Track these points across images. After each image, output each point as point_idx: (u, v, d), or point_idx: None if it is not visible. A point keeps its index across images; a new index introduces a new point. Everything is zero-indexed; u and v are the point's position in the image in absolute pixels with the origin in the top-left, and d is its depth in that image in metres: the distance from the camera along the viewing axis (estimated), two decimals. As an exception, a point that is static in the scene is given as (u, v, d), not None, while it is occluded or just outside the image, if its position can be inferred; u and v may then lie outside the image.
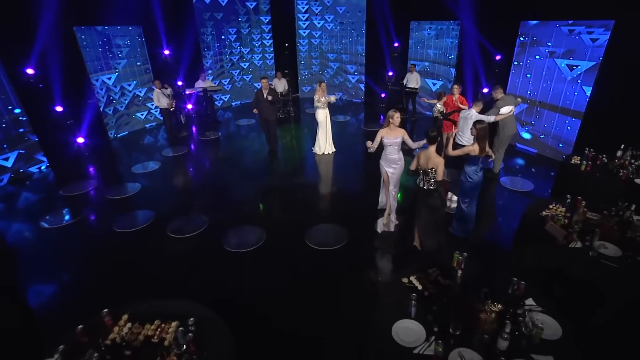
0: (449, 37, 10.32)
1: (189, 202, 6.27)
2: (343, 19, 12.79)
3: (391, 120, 4.81)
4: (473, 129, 4.59)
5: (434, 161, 4.14)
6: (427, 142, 4.23)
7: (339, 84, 13.98)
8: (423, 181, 4.31)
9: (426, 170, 4.21)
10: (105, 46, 9.49)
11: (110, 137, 9.85)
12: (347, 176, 7.22)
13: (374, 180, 6.60)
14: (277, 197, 6.44)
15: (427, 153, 4.20)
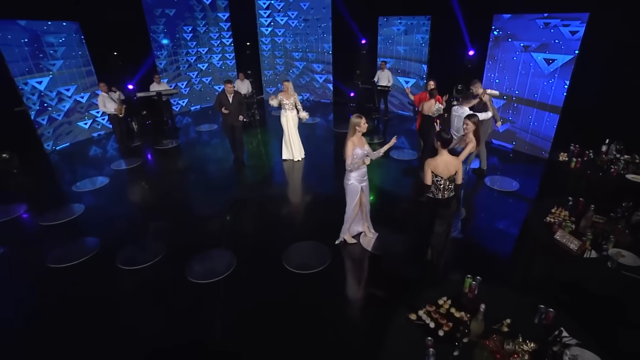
0: (420, 33, 9.97)
1: (144, 224, 5.32)
2: (307, 15, 12.15)
3: (358, 128, 4.09)
4: (468, 124, 4.38)
5: (455, 165, 3.67)
6: (441, 146, 3.66)
7: (305, 84, 13.31)
8: (443, 190, 3.77)
9: (451, 177, 3.71)
10: (34, 44, 8.19)
11: (47, 150, 8.54)
12: (320, 183, 6.56)
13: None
14: (246, 212, 5.65)
15: (444, 159, 3.66)
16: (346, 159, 4.15)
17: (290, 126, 7.26)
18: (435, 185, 3.74)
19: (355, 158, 4.14)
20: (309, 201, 6.04)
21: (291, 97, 7.04)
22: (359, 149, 4.14)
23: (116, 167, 7.60)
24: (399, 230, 4.99)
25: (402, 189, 6.38)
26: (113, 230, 5.20)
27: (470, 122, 4.42)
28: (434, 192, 3.79)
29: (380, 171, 6.98)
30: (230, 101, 6.86)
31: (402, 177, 6.85)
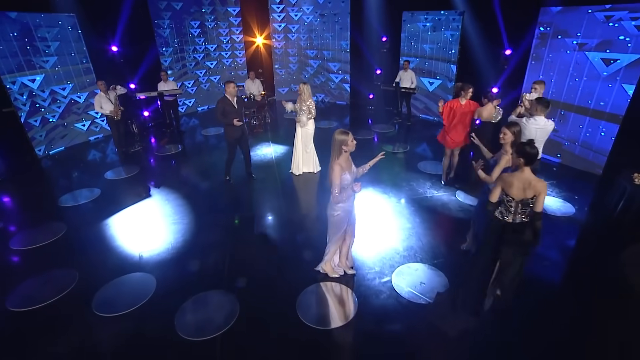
0: (449, 29, 8.97)
1: (131, 255, 4.47)
2: (324, 10, 11.23)
3: (345, 148, 3.27)
4: (507, 133, 3.68)
5: (536, 187, 2.96)
6: (525, 162, 2.95)
7: (320, 84, 12.40)
8: (515, 214, 3.08)
9: (525, 201, 3.00)
10: (25, 39, 7.44)
11: (38, 155, 7.81)
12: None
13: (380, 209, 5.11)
14: (253, 241, 4.75)
15: (523, 177, 2.97)
16: (332, 187, 3.29)
17: (298, 136, 6.35)
18: (505, 206, 3.08)
19: (344, 185, 3.31)
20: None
21: (303, 102, 6.11)
22: (347, 174, 3.31)
23: (111, 176, 6.81)
24: (443, 270, 4.05)
25: (435, 214, 5.40)
26: (96, 259, 4.36)
27: (509, 131, 3.68)
28: (503, 213, 3.13)
29: (405, 190, 6.02)
30: (236, 106, 5.80)
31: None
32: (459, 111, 5.46)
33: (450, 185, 5.99)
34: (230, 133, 5.86)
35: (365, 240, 4.53)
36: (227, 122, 5.69)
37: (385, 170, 6.77)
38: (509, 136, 3.71)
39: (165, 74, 8.87)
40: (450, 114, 5.54)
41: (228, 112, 5.68)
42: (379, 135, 8.91)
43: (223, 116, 5.68)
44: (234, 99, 5.75)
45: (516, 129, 3.74)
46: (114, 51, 9.05)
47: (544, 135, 4.56)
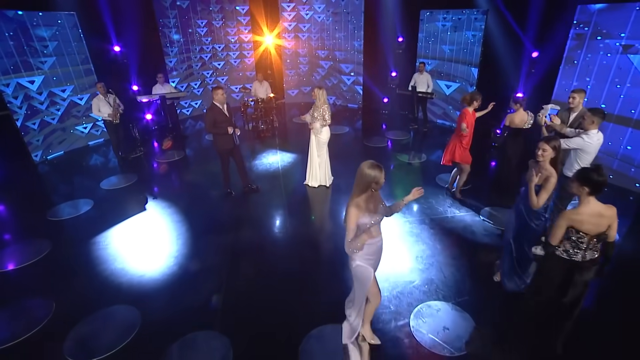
0: (471, 29, 8.32)
1: (117, 282, 4.01)
2: (337, 8, 10.67)
3: (375, 187, 2.55)
4: (546, 149, 3.16)
5: (609, 217, 2.50)
6: (590, 192, 2.47)
7: (332, 86, 11.85)
8: (585, 250, 2.60)
9: (600, 235, 2.53)
10: (21, 38, 7.09)
11: (35, 161, 7.46)
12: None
13: (400, 234, 4.54)
14: (253, 269, 4.24)
15: (591, 209, 2.48)
16: (346, 231, 2.62)
17: (313, 144, 5.83)
18: (574, 244, 2.61)
19: (358, 231, 2.61)
20: (334, 255, 4.58)
21: (318, 108, 5.58)
22: (366, 217, 2.58)
23: (107, 185, 6.40)
24: (469, 310, 3.47)
25: (458, 239, 4.80)
26: (75, 287, 3.92)
27: (549, 146, 3.16)
28: (570, 251, 2.62)
29: (422, 208, 5.44)
30: (227, 114, 5.26)
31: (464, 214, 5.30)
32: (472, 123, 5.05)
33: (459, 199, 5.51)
34: (222, 144, 5.32)
35: (379, 270, 3.97)
36: (219, 132, 5.17)
37: (399, 184, 6.20)
38: (548, 152, 3.18)
39: (162, 77, 8.43)
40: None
41: (220, 122, 5.15)
42: (393, 142, 8.32)
43: (214, 127, 5.14)
44: (224, 107, 5.24)
45: (556, 144, 3.22)
46: (116, 51, 8.68)
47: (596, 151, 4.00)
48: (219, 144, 5.34)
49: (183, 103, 10.76)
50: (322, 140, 5.77)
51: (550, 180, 3.14)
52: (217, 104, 5.17)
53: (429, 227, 4.86)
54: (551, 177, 3.15)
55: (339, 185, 6.12)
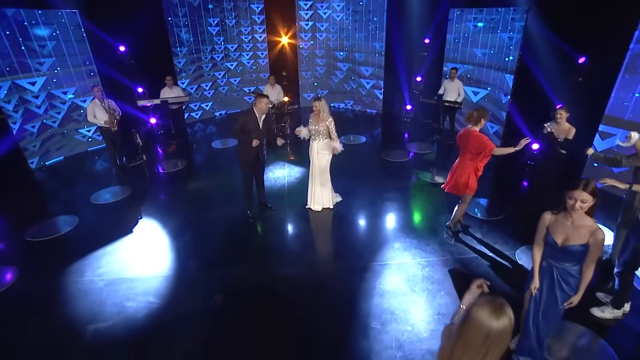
0: (507, 31, 7.35)
1: (80, 330, 3.42)
2: (357, 7, 9.87)
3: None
4: (586, 199, 2.27)
5: None
6: None
7: (350, 90, 11.07)
8: None
9: None
10: (19, 38, 6.69)
11: (31, 168, 7.09)
12: (353, 256, 4.34)
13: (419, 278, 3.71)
14: (239, 326, 3.56)
15: None
16: None
17: (314, 162, 5.09)
18: None
19: None
20: (344, 301, 3.84)
21: (322, 122, 4.85)
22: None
23: (97, 199, 5.89)
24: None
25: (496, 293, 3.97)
26: (32, 337, 3.35)
27: (588, 194, 2.29)
28: None
29: (444, 243, 4.62)
30: (261, 125, 4.68)
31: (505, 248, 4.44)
32: None
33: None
34: (246, 155, 4.75)
35: (388, 334, 3.22)
36: (243, 139, 4.59)
37: (420, 209, 5.40)
38: (588, 203, 2.33)
39: (170, 79, 7.90)
40: None
41: (249, 131, 4.57)
42: (414, 156, 7.48)
43: (242, 133, 4.58)
44: (261, 117, 4.65)
45: (595, 188, 2.38)
46: (121, 52, 8.21)
47: None
48: (242, 155, 4.79)
49: (192, 106, 10.26)
50: (324, 163, 5.03)
51: (597, 244, 2.32)
52: (256, 112, 4.60)
53: (453, 269, 4.04)
54: (597, 236, 2.32)
55: (349, 207, 5.37)
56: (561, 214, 2.44)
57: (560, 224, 2.43)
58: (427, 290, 3.72)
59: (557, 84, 6.75)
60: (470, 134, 4.07)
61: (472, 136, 4.05)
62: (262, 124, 4.69)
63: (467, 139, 4.11)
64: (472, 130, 4.07)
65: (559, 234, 2.43)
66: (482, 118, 4.01)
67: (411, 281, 3.86)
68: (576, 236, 2.36)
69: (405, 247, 4.43)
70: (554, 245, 2.46)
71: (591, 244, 2.32)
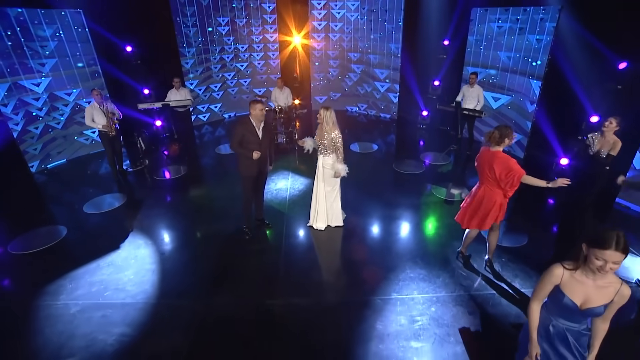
0: (536, 32, 6.70)
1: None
2: (373, 6, 9.35)
3: None
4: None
5: None
6: None
7: (364, 94, 10.56)
8: None
9: None
10: (21, 38, 6.53)
11: (31, 171, 6.94)
12: (356, 285, 3.88)
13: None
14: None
15: None
16: None
17: (319, 176, 4.66)
18: None
19: None
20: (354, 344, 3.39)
21: (326, 135, 4.41)
22: None
23: (90, 208, 5.65)
24: None
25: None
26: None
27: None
28: None
29: (456, 274, 4.09)
30: (261, 136, 4.26)
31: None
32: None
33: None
34: (247, 168, 4.31)
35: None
36: (242, 152, 4.18)
37: (432, 232, 4.88)
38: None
39: (178, 81, 7.62)
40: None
41: (248, 142, 4.16)
42: (428, 168, 6.94)
43: (241, 146, 4.16)
44: (259, 125, 4.22)
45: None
46: (127, 52, 7.99)
47: None
48: (243, 168, 4.34)
49: (200, 108, 10.00)
50: (332, 180, 4.58)
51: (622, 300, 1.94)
52: (253, 121, 4.17)
53: (466, 309, 3.53)
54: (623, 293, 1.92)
55: (353, 226, 4.91)
56: (578, 272, 1.96)
57: (578, 283, 1.96)
58: (435, 335, 3.23)
59: (592, 92, 6.07)
60: (495, 156, 3.43)
61: (497, 158, 3.40)
62: (261, 134, 4.24)
63: (490, 161, 3.46)
64: (496, 152, 3.44)
65: (577, 295, 1.97)
66: (506, 138, 3.41)
67: (416, 322, 3.37)
68: (600, 296, 1.94)
69: (412, 278, 3.94)
70: (572, 309, 2.00)
71: (615, 301, 1.93)
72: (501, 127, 3.46)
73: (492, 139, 3.45)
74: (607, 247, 1.76)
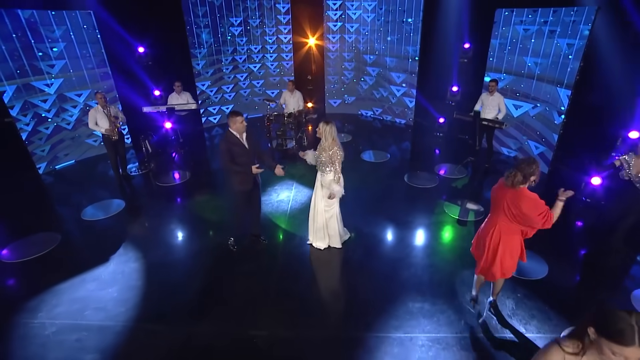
0: (566, 36, 6.11)
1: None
2: (391, 6, 8.90)
3: None
4: None
5: None
6: None
7: (380, 98, 10.12)
8: None
9: None
10: (31, 40, 6.51)
11: (39, 173, 6.95)
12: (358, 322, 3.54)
13: None
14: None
15: None
16: None
17: (317, 196, 4.31)
18: None
19: None
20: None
21: (325, 151, 4.06)
22: None
23: (89, 214, 5.54)
24: None
25: None
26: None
27: None
28: None
29: (466, 312, 3.67)
30: (247, 145, 4.03)
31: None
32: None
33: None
34: (242, 182, 4.12)
35: None
36: (239, 170, 3.97)
37: (441, 258, 4.45)
38: None
39: (179, 85, 7.45)
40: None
41: (236, 155, 3.95)
42: (443, 180, 6.47)
43: (233, 162, 3.93)
44: (242, 136, 4.00)
45: None
46: (137, 54, 7.89)
47: None
48: (237, 184, 4.14)
49: (211, 109, 9.86)
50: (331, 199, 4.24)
51: None
52: (235, 133, 3.96)
53: (471, 355, 3.12)
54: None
55: (354, 247, 4.56)
56: (584, 357, 1.54)
57: None
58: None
59: (630, 105, 5.44)
60: (521, 194, 2.84)
61: (524, 197, 2.82)
62: (247, 143, 4.03)
63: (514, 200, 2.87)
64: (522, 190, 2.86)
65: None
66: (532, 176, 2.82)
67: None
68: None
69: (414, 312, 3.55)
70: None
71: None
72: (523, 166, 2.81)
73: (516, 182, 2.83)
74: (628, 344, 1.35)
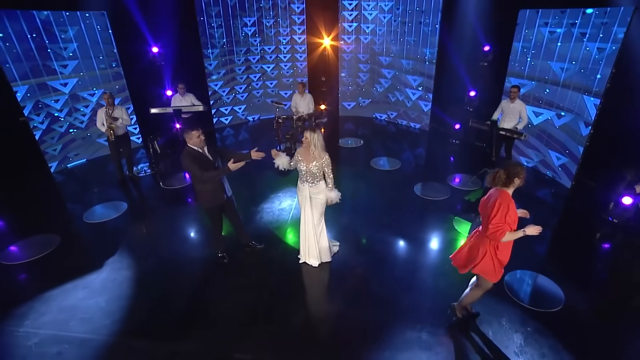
0: (596, 40, 5.62)
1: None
2: (409, 6, 8.54)
3: None
4: None
5: None
6: None
7: (395, 102, 9.78)
8: None
9: None
10: (45, 41, 6.60)
11: (51, 171, 7.06)
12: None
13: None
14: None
15: None
16: None
17: (307, 210, 4.05)
18: None
19: None
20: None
21: (313, 160, 3.82)
22: None
23: (92, 216, 5.54)
24: None
25: None
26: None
27: None
28: None
29: (476, 349, 3.37)
30: (210, 156, 3.91)
31: None
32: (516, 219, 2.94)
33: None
34: (210, 198, 3.98)
35: None
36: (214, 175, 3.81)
37: (446, 280, 4.14)
38: None
39: (183, 87, 7.37)
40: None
41: (206, 167, 3.79)
42: (455, 193, 6.12)
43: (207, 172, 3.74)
44: (204, 149, 3.88)
45: None
46: (149, 54, 7.90)
47: None
48: (206, 199, 4.00)
49: (223, 110, 9.81)
50: (320, 210, 4.02)
51: None
52: (195, 148, 3.80)
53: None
54: None
55: (352, 263, 4.32)
56: None
57: None
58: None
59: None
60: (500, 194, 2.81)
61: (500, 198, 2.79)
62: (209, 154, 3.90)
63: (493, 198, 2.86)
64: (503, 191, 2.83)
65: None
66: (516, 178, 2.77)
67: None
68: None
69: (410, 344, 3.28)
70: None
71: None
72: (509, 166, 2.82)
73: (497, 180, 2.83)
74: None
